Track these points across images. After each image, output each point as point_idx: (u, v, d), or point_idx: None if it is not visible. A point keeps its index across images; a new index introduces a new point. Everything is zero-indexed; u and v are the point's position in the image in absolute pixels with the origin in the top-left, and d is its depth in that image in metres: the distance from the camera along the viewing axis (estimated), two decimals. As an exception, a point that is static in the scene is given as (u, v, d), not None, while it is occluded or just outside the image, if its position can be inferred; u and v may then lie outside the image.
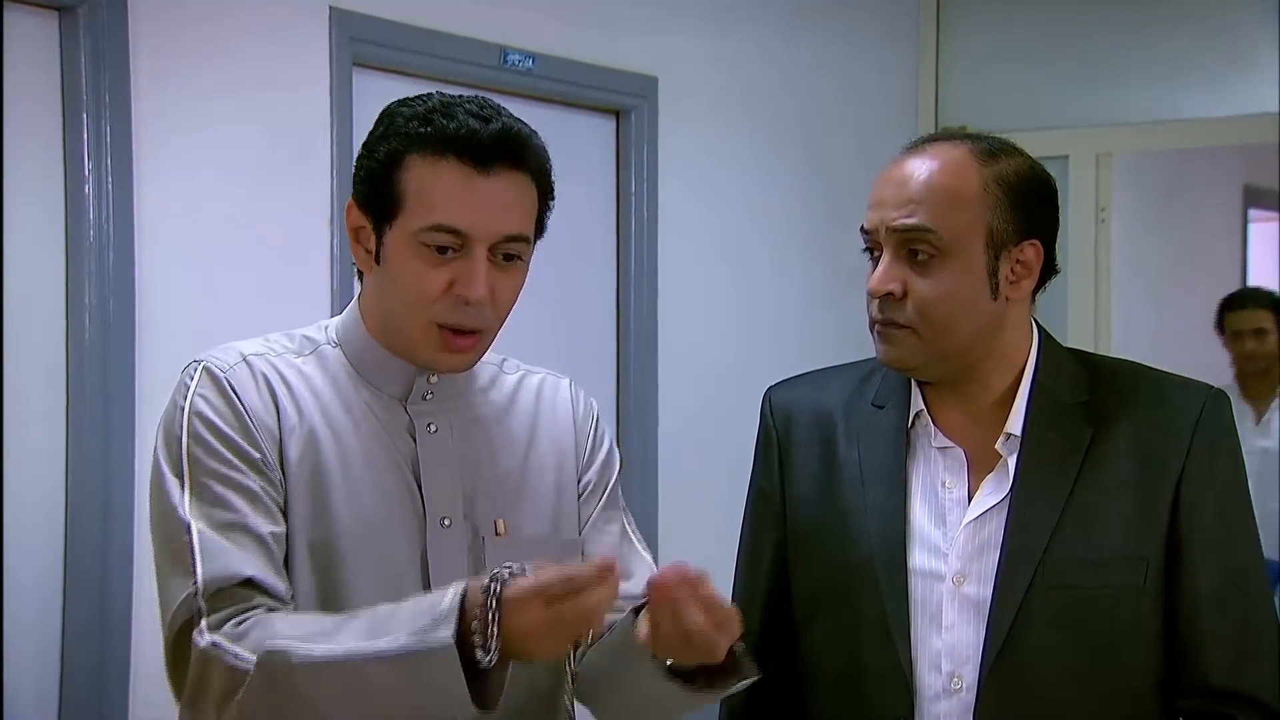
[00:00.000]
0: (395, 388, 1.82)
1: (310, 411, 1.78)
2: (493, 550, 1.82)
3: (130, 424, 3.00)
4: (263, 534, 1.69)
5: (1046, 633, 1.83)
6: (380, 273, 1.78)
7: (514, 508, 1.86)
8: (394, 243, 1.75)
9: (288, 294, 3.32)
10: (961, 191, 1.85)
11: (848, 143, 4.82)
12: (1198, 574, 1.86)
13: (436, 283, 1.73)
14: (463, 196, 1.73)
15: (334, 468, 1.76)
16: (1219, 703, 1.86)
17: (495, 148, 1.74)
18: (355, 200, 1.79)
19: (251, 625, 1.64)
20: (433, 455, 1.81)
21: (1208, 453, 1.87)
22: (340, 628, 1.61)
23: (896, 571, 1.88)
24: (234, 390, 1.74)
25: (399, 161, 1.74)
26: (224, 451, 1.71)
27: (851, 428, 1.97)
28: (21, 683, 2.88)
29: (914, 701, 1.86)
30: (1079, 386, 1.92)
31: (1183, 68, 4.86)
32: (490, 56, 3.77)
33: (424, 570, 1.78)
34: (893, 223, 1.85)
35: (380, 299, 1.80)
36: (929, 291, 1.85)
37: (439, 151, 1.73)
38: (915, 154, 1.90)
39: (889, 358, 1.90)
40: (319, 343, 1.84)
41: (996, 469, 1.89)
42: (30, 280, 2.93)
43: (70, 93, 2.98)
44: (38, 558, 2.96)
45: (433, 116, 1.74)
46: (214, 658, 1.63)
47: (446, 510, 1.80)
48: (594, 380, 4.07)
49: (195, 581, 1.66)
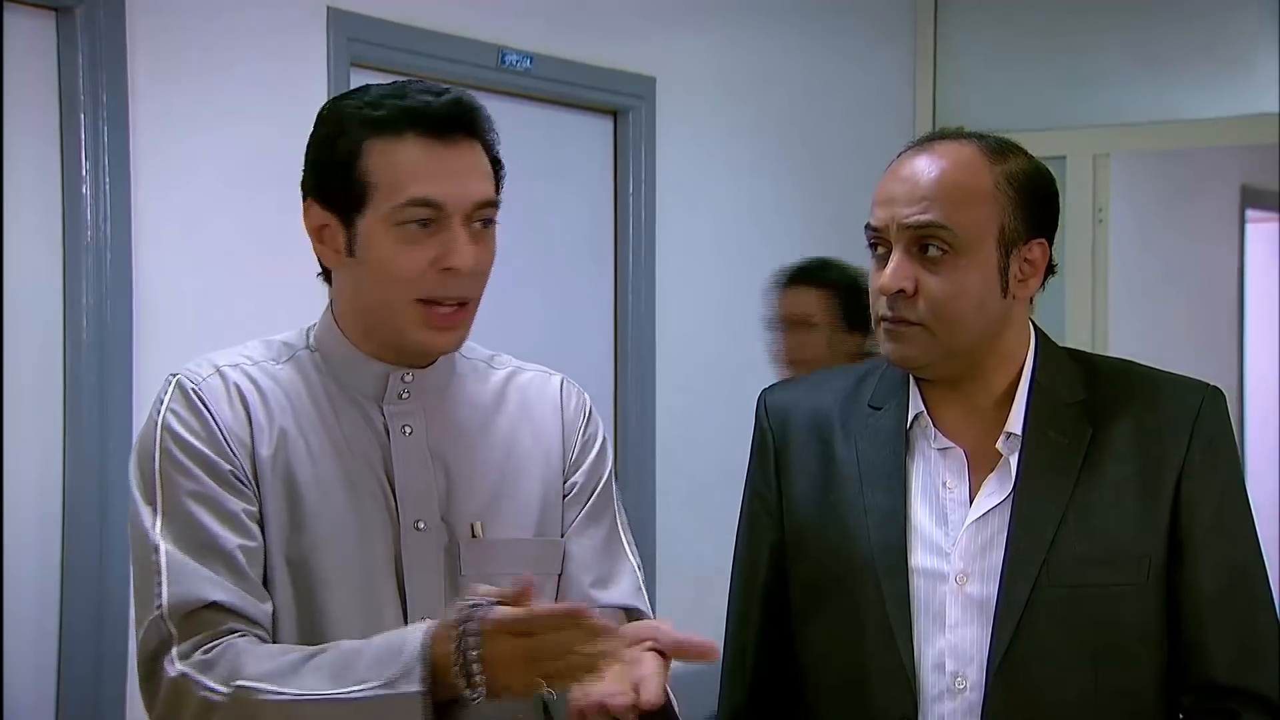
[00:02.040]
0: (369, 388, 1.80)
1: (284, 420, 1.76)
2: (469, 553, 1.80)
3: (128, 424, 3.00)
4: (232, 551, 1.68)
5: (1052, 631, 1.83)
6: (355, 265, 1.75)
7: (493, 509, 1.83)
8: (368, 230, 1.73)
9: (284, 294, 3.31)
10: (975, 189, 1.85)
11: (845, 143, 4.82)
12: (1200, 571, 1.86)
13: (419, 260, 1.72)
14: (430, 168, 1.72)
15: (307, 476, 1.74)
16: (1223, 699, 1.87)
17: (451, 118, 1.74)
18: (315, 200, 1.77)
19: (220, 653, 1.63)
20: (405, 457, 1.79)
21: (1207, 450, 1.87)
22: (306, 664, 1.61)
23: (897, 572, 1.88)
24: (205, 404, 1.73)
25: (358, 150, 1.72)
26: (195, 469, 1.70)
27: (849, 429, 1.96)
28: (20, 681, 2.88)
29: (917, 702, 1.86)
30: (1077, 385, 1.92)
31: (1181, 68, 4.86)
32: (488, 57, 3.77)
33: (398, 575, 1.76)
34: (905, 219, 1.84)
35: (358, 292, 1.78)
36: (942, 289, 1.84)
37: (397, 130, 1.72)
38: (923, 151, 1.88)
39: (898, 355, 1.89)
40: (296, 348, 1.82)
41: (998, 468, 1.89)
42: (28, 280, 2.93)
43: (68, 93, 2.98)
44: (35, 557, 2.96)
45: (383, 100, 1.74)
46: (184, 689, 1.63)
47: (420, 513, 1.78)
48: (592, 380, 4.06)
49: (160, 604, 1.65)
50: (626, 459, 4.17)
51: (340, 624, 1.72)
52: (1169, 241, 5.92)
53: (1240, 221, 6.50)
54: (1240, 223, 6.50)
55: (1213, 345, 6.21)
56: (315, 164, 1.78)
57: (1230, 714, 1.86)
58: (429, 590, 1.77)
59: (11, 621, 2.81)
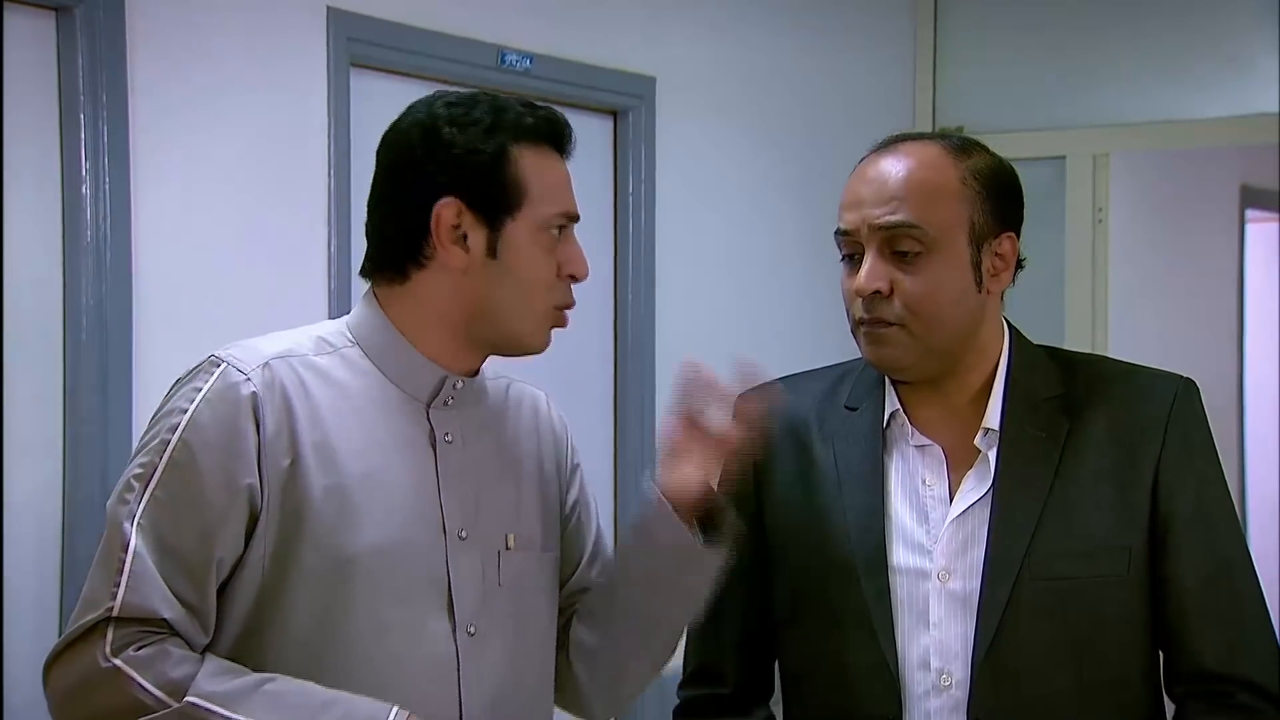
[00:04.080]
0: (422, 390, 1.81)
1: (331, 416, 1.75)
2: (506, 564, 1.83)
3: (128, 424, 3.00)
4: (206, 563, 1.67)
5: (1035, 624, 1.84)
6: (492, 267, 1.78)
7: (517, 519, 1.87)
8: (518, 234, 1.78)
9: (285, 294, 3.32)
10: (943, 186, 1.87)
11: (845, 143, 4.79)
12: (1182, 562, 1.87)
13: (553, 268, 1.81)
14: (565, 182, 1.84)
15: (355, 475, 1.74)
16: (1215, 685, 1.88)
17: (569, 138, 1.86)
18: (459, 199, 1.77)
19: (154, 654, 1.63)
20: (451, 465, 1.81)
21: (1183, 441, 1.89)
22: (258, 690, 1.62)
23: (879, 571, 1.88)
24: (243, 402, 1.70)
25: (507, 154, 1.78)
26: (204, 470, 1.68)
27: (826, 431, 1.97)
28: (20, 681, 2.88)
29: (902, 701, 1.87)
30: (1052, 380, 1.93)
31: (1180, 68, 4.86)
32: (488, 57, 3.77)
33: (447, 583, 1.78)
34: (876, 220, 1.86)
35: (485, 293, 1.79)
36: (917, 287, 1.85)
37: (539, 141, 1.81)
38: (887, 153, 1.91)
39: (878, 357, 1.90)
40: (336, 345, 1.82)
41: (976, 464, 1.90)
42: (28, 280, 2.93)
43: (68, 93, 2.98)
44: (36, 557, 2.97)
45: (516, 108, 1.81)
46: (113, 681, 1.62)
47: (463, 522, 1.80)
48: (592, 381, 4.08)
49: (112, 605, 1.64)
50: (626, 459, 4.17)
51: (378, 629, 1.72)
52: (1169, 241, 5.92)
53: (1240, 221, 6.49)
54: (1240, 223, 6.49)
55: (1213, 345, 6.20)
56: (453, 163, 1.77)
57: (1224, 695, 1.87)
58: (474, 600, 1.79)
59: (11, 621, 2.81)
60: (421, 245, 1.78)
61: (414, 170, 1.78)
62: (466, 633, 1.78)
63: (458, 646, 1.77)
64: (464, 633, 1.78)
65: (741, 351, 1.75)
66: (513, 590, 1.83)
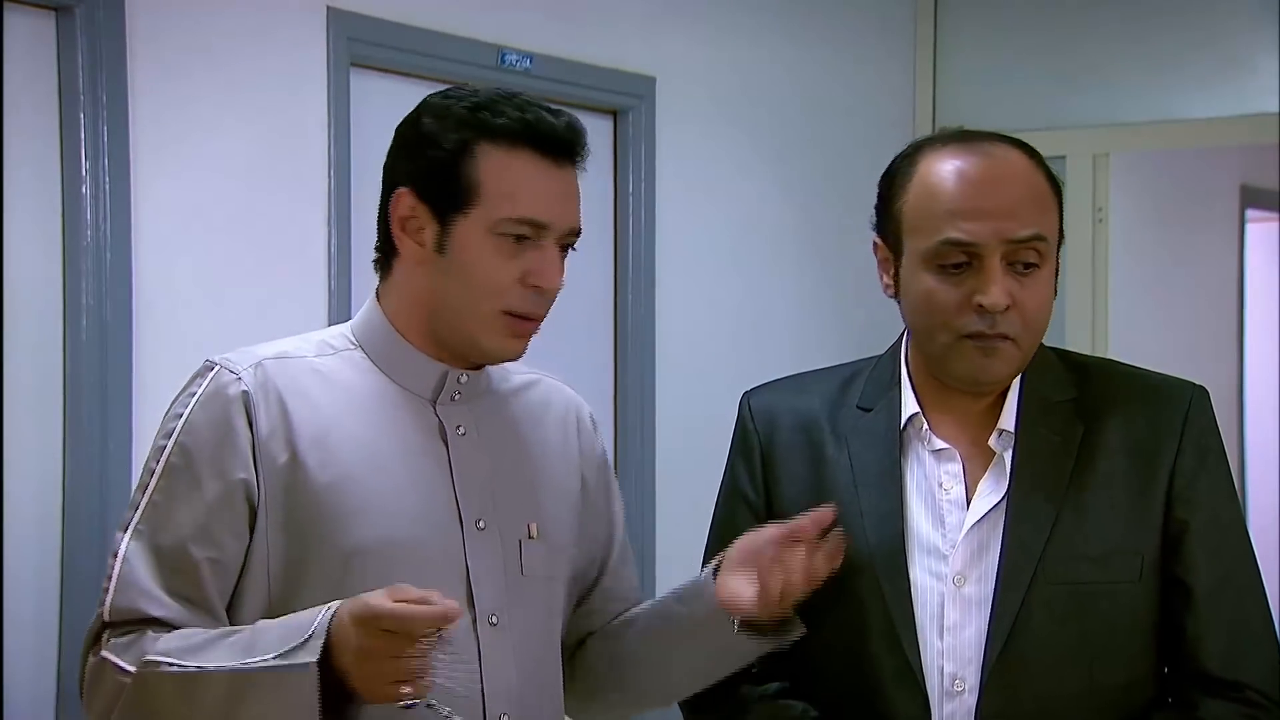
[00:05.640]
0: (424, 386, 1.80)
1: (332, 415, 1.74)
2: (529, 553, 1.82)
3: (128, 424, 2.99)
4: (199, 563, 1.68)
5: (1047, 628, 1.83)
6: (441, 263, 1.75)
7: (537, 509, 1.86)
8: (466, 233, 1.73)
9: (285, 293, 3.32)
10: (1050, 196, 1.86)
11: (845, 143, 4.82)
12: (1194, 568, 1.87)
13: (510, 273, 1.74)
14: (540, 188, 1.74)
15: (362, 472, 1.73)
16: (1217, 687, 1.88)
17: (566, 143, 1.76)
18: (412, 189, 1.75)
19: (134, 639, 1.66)
20: (464, 457, 1.80)
21: (1197, 449, 1.88)
22: (218, 641, 1.62)
23: (898, 574, 1.87)
24: (236, 404, 1.71)
25: (469, 150, 1.73)
26: (200, 471, 1.69)
27: (839, 431, 1.95)
28: (20, 681, 2.88)
29: (927, 702, 1.85)
30: (1066, 384, 1.93)
31: (1180, 68, 4.86)
32: (488, 56, 3.77)
33: (466, 574, 1.77)
34: (1011, 234, 1.80)
35: (435, 289, 1.76)
36: (1033, 300, 1.83)
37: (513, 141, 1.73)
38: (980, 156, 1.84)
39: (988, 371, 1.85)
40: (338, 348, 1.81)
41: (992, 467, 1.89)
42: (27, 280, 2.93)
43: (67, 92, 2.98)
44: (35, 557, 2.96)
45: (501, 107, 1.74)
46: (103, 671, 1.66)
47: (480, 512, 1.79)
48: (591, 380, 4.07)
49: (103, 609, 1.69)
50: (626, 458, 4.17)
51: None
52: (1169, 241, 5.92)
53: (1240, 221, 6.49)
54: (1240, 222, 6.49)
55: (1213, 345, 6.20)
56: (415, 154, 1.76)
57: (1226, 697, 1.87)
58: (495, 589, 1.79)
59: (11, 621, 2.81)
60: (390, 235, 1.79)
61: (389, 158, 1.80)
62: (489, 623, 1.77)
63: (478, 636, 1.76)
64: (485, 623, 1.77)
65: (741, 351, 1.74)
66: (535, 579, 1.82)
